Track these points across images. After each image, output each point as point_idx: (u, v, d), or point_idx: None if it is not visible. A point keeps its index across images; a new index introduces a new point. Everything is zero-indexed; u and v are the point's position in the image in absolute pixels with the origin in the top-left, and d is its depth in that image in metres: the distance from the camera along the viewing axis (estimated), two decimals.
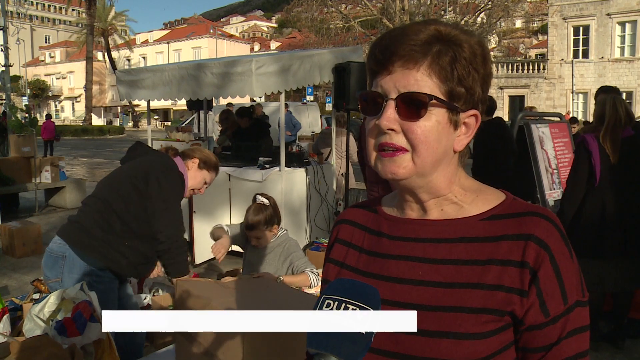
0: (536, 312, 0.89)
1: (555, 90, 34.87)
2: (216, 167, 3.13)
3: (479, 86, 0.94)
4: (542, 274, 0.89)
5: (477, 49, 0.93)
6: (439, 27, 0.93)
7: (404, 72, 0.91)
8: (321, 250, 4.22)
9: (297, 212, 6.48)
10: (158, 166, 2.80)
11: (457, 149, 0.96)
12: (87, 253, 2.68)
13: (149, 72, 7.27)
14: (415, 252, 0.98)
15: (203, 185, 3.07)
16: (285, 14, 52.19)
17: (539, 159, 4.91)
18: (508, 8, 30.81)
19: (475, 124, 0.96)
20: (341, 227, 1.13)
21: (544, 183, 4.94)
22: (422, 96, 0.90)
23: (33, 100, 57.65)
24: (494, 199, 0.98)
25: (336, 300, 0.80)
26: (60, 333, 2.34)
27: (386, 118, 0.91)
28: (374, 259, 1.03)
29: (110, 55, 52.25)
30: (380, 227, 1.05)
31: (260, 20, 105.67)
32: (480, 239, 0.94)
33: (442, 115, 0.92)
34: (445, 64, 0.90)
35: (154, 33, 74.98)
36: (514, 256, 0.90)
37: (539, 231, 0.90)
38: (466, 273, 0.92)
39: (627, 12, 32.76)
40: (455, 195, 0.99)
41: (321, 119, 20.95)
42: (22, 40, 16.12)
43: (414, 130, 0.91)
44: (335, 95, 6.30)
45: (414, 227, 1.00)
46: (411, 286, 0.95)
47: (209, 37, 65.59)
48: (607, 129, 3.68)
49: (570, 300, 0.90)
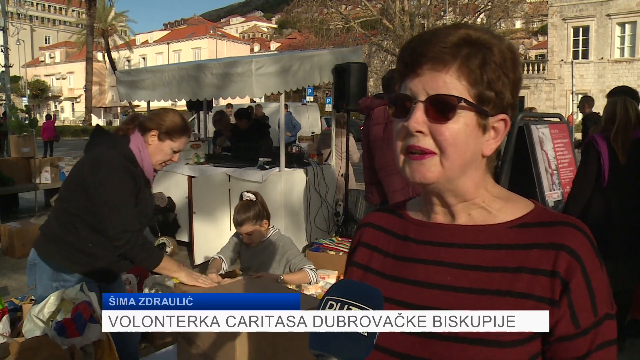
0: (567, 323, 0.88)
1: (555, 91, 34.87)
2: (182, 130, 2.76)
3: (509, 91, 0.94)
4: (574, 285, 0.88)
5: (508, 54, 0.93)
6: (469, 31, 0.92)
7: (432, 75, 0.91)
8: (321, 251, 4.20)
9: (296, 212, 6.48)
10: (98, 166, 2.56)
11: (485, 153, 0.95)
12: (51, 258, 2.63)
13: (148, 73, 7.28)
14: (445, 257, 0.97)
15: (172, 154, 2.77)
16: (285, 14, 52.21)
17: (538, 160, 4.90)
18: (508, 9, 30.82)
19: (505, 128, 0.95)
20: (365, 230, 1.13)
21: (543, 184, 4.93)
22: (451, 98, 0.89)
23: (33, 101, 57.64)
24: (523, 207, 0.97)
25: (339, 301, 0.80)
26: (59, 334, 2.34)
27: (415, 120, 0.91)
28: (401, 263, 1.02)
29: (110, 55, 52.24)
30: (406, 232, 1.05)
31: (260, 20, 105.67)
32: (510, 246, 0.93)
33: (470, 118, 0.91)
34: (475, 67, 0.90)
35: (154, 34, 75.04)
36: (545, 265, 0.89)
37: (571, 241, 0.89)
38: (496, 280, 0.91)
39: (627, 13, 32.78)
40: (483, 200, 0.98)
41: (321, 120, 20.98)
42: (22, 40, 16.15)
43: (443, 133, 0.90)
44: (335, 96, 6.31)
45: (442, 232, 0.99)
46: (440, 291, 0.94)
47: (209, 38, 65.64)
48: (617, 129, 3.72)
49: (600, 312, 0.89)
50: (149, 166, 2.71)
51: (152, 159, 2.71)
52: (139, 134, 2.70)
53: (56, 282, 2.60)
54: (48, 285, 2.60)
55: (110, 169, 2.54)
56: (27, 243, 6.91)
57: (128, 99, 7.69)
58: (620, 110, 3.72)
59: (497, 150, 0.98)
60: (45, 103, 68.40)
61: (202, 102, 8.47)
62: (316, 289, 3.30)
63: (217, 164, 6.98)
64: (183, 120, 2.78)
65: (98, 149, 2.64)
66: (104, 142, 2.68)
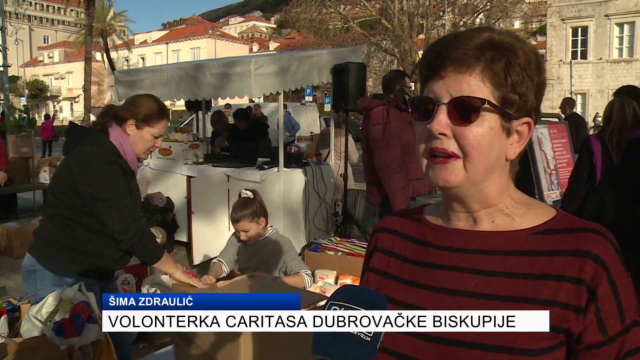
0: (594, 330, 0.87)
1: (553, 91, 34.89)
2: (159, 114, 2.67)
3: (533, 94, 0.92)
4: (601, 292, 0.86)
5: (532, 57, 0.92)
6: (493, 34, 0.92)
7: (456, 77, 0.90)
8: (320, 251, 4.19)
9: (295, 212, 6.48)
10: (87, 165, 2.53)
11: (509, 157, 0.94)
12: (54, 263, 2.61)
13: (147, 73, 7.27)
14: (467, 263, 0.95)
15: (154, 140, 2.70)
16: (284, 14, 52.10)
17: (537, 160, 4.91)
18: (507, 9, 30.80)
19: (528, 132, 0.94)
20: (380, 235, 1.11)
21: (542, 184, 4.94)
22: (474, 100, 0.88)
23: (31, 101, 57.62)
24: (545, 214, 0.96)
25: (342, 306, 0.80)
26: (58, 334, 2.33)
27: (438, 122, 0.90)
28: (421, 269, 1.00)
29: (109, 55, 52.09)
30: (425, 237, 1.03)
31: (259, 20, 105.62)
32: (533, 252, 0.91)
33: (494, 121, 0.90)
34: (499, 70, 0.89)
35: (152, 33, 74.96)
36: (570, 272, 0.88)
37: (596, 248, 0.88)
38: (520, 286, 0.90)
39: (625, 14, 32.82)
40: (506, 206, 0.97)
41: (320, 120, 20.98)
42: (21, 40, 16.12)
43: (466, 136, 0.89)
44: (333, 95, 6.31)
45: (463, 237, 0.97)
46: (463, 297, 0.93)
47: (208, 38, 65.61)
48: (613, 129, 3.75)
49: (627, 320, 0.88)
50: (132, 157, 2.67)
51: (135, 149, 2.67)
52: (117, 125, 2.64)
53: (59, 286, 2.56)
54: (51, 291, 2.53)
55: (99, 165, 2.51)
56: (25, 243, 6.90)
57: (126, 99, 7.67)
58: (616, 110, 3.76)
59: (520, 155, 0.97)
60: (43, 103, 68.32)
61: (201, 102, 8.46)
62: (315, 289, 3.30)
63: (215, 164, 6.98)
64: (159, 104, 2.71)
65: (80, 148, 2.59)
66: (84, 140, 2.63)
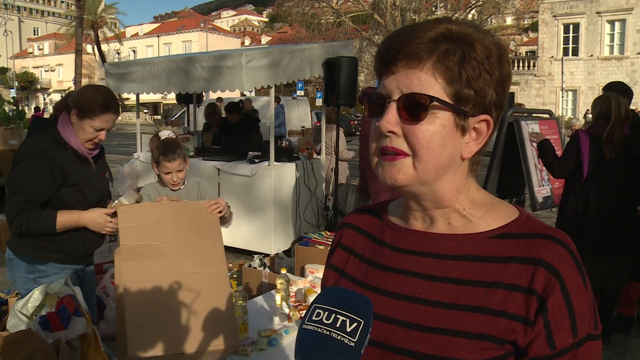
0: (542, 343, 0.83)
1: (545, 88, 35.05)
2: (101, 107, 2.60)
3: (492, 89, 0.87)
4: (551, 304, 0.82)
5: (493, 49, 0.87)
6: (450, 26, 0.87)
7: (407, 72, 0.85)
8: (310, 245, 4.19)
9: (286, 206, 6.46)
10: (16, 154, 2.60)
11: (465, 156, 0.89)
12: (22, 252, 2.67)
13: (138, 65, 7.22)
14: (417, 266, 0.91)
15: (95, 132, 2.64)
16: (276, 8, 52.00)
17: (528, 156, 4.92)
18: (499, 5, 30.89)
19: (487, 130, 0.89)
20: (344, 231, 1.08)
21: (533, 180, 4.95)
22: (423, 97, 0.84)
23: (21, 93, 57.12)
24: (506, 216, 0.91)
25: (326, 310, 0.78)
26: (44, 328, 2.31)
27: (387, 120, 0.86)
28: (373, 270, 0.97)
29: (100, 48, 51.89)
30: (383, 236, 1.00)
31: (251, 14, 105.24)
32: (486, 258, 0.87)
33: (447, 119, 0.85)
34: (452, 65, 0.84)
35: (144, 26, 74.44)
36: (521, 281, 0.84)
37: (550, 256, 0.84)
38: (468, 294, 0.86)
39: (616, 11, 32.98)
40: (463, 207, 0.92)
41: (311, 114, 20.92)
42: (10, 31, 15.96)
43: (416, 134, 0.85)
44: (325, 90, 6.29)
45: (417, 239, 0.94)
46: (408, 303, 0.90)
47: (200, 31, 65.22)
48: (614, 126, 3.81)
49: (580, 333, 0.83)
50: (78, 144, 2.66)
51: (78, 137, 2.67)
52: (65, 113, 2.67)
53: (32, 273, 2.65)
54: (25, 278, 2.66)
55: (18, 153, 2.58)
56: None
57: (117, 92, 7.61)
58: (615, 107, 3.82)
59: (481, 153, 0.92)
60: (33, 95, 67.72)
61: (192, 95, 8.42)
62: (305, 284, 3.29)
63: (206, 158, 6.96)
64: (104, 97, 2.64)
65: (26, 138, 2.71)
66: (34, 130, 2.77)
